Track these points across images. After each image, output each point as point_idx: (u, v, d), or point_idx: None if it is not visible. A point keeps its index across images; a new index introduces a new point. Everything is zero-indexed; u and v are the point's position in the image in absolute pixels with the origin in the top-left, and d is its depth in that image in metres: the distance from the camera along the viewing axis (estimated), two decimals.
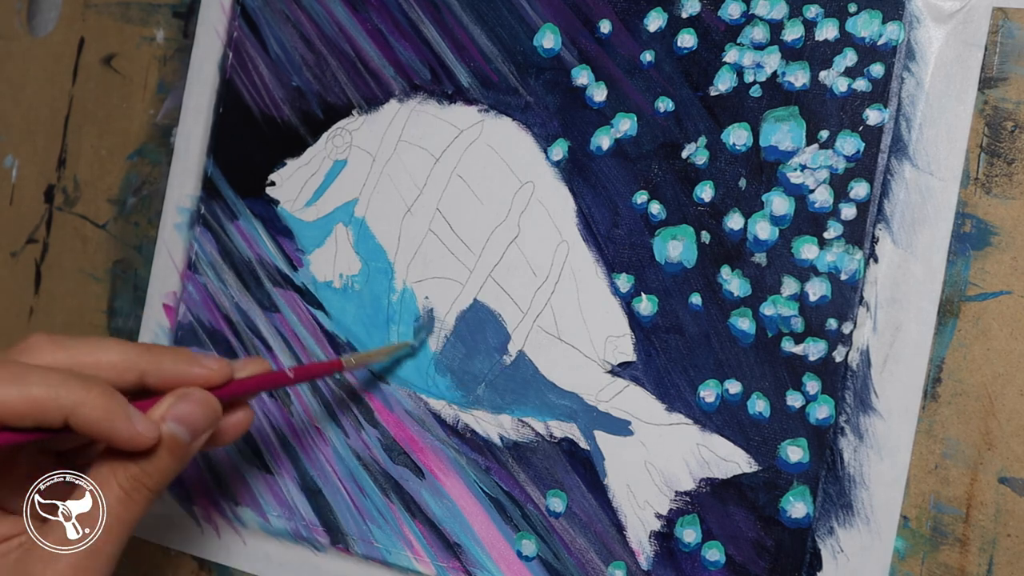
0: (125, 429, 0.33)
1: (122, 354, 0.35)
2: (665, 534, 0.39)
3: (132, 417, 0.33)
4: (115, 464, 0.34)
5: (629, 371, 0.40)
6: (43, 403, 0.32)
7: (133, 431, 0.33)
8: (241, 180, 0.48)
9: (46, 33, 0.56)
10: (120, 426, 0.33)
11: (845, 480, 0.37)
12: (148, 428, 0.33)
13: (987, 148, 0.36)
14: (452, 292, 0.43)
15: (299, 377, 0.39)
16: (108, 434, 0.33)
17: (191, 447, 0.35)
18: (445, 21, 0.44)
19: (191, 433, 0.35)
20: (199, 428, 0.35)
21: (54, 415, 0.32)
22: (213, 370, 0.36)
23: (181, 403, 0.35)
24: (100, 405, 0.32)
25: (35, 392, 0.32)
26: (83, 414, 0.32)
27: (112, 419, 0.32)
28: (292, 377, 0.39)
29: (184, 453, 0.35)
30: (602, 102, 0.41)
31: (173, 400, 0.35)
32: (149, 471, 0.34)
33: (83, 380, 0.33)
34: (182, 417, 0.34)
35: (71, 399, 0.32)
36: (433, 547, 0.43)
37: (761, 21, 0.39)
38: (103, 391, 0.33)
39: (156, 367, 0.35)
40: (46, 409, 0.32)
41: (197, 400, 0.35)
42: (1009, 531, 0.35)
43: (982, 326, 0.35)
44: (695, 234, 0.39)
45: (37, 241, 0.55)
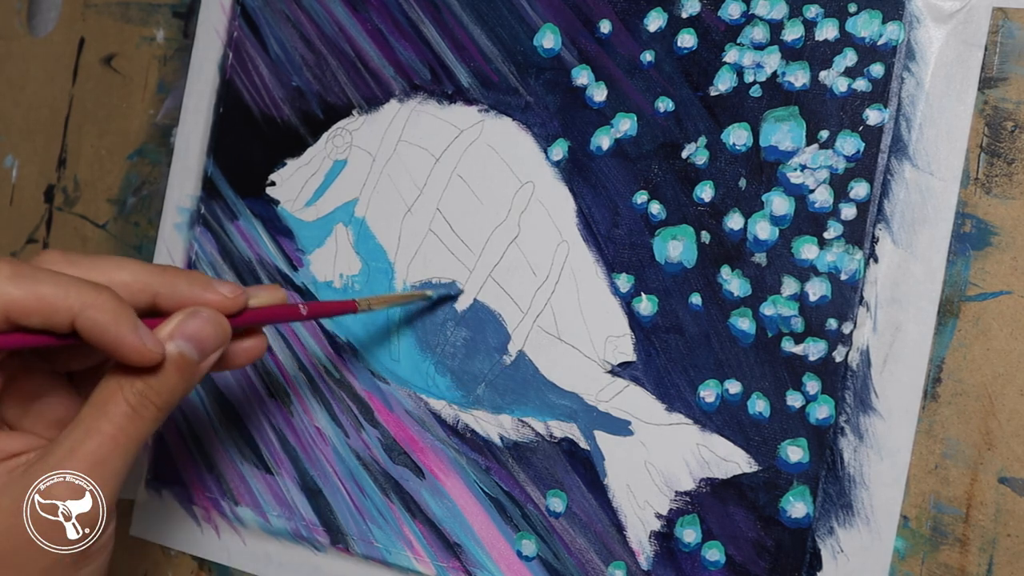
0: (131, 340, 0.32)
1: (135, 274, 0.35)
2: (665, 534, 0.39)
3: (139, 329, 0.33)
4: (122, 379, 0.34)
5: (629, 371, 0.40)
6: (51, 301, 0.32)
7: (138, 342, 0.33)
8: (241, 180, 0.48)
9: (46, 33, 0.56)
10: (126, 336, 0.32)
11: (845, 480, 0.37)
12: (154, 343, 0.33)
13: (987, 148, 0.36)
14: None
15: (311, 313, 0.39)
16: (113, 342, 0.32)
17: (200, 366, 0.35)
18: (445, 21, 0.44)
19: (199, 352, 0.34)
20: (208, 347, 0.35)
21: (62, 315, 0.32)
22: (227, 296, 0.35)
23: (190, 321, 0.34)
24: (108, 309, 0.32)
25: (43, 290, 0.32)
26: (90, 316, 0.32)
27: (119, 326, 0.32)
28: (305, 313, 0.38)
29: (192, 372, 0.35)
30: (602, 102, 0.41)
31: (182, 317, 0.34)
32: (156, 387, 0.34)
33: (93, 285, 0.32)
34: (191, 335, 0.34)
35: (79, 300, 0.32)
36: (433, 547, 0.43)
37: (761, 21, 0.39)
38: (112, 296, 0.32)
39: (170, 289, 0.35)
40: (55, 308, 0.32)
41: (206, 319, 0.35)
42: (1009, 531, 0.35)
43: (982, 326, 0.35)
44: (695, 234, 0.39)
45: (37, 241, 0.55)
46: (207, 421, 0.47)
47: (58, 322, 0.32)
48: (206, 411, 0.48)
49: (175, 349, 0.34)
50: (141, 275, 0.35)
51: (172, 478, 0.48)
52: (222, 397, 0.47)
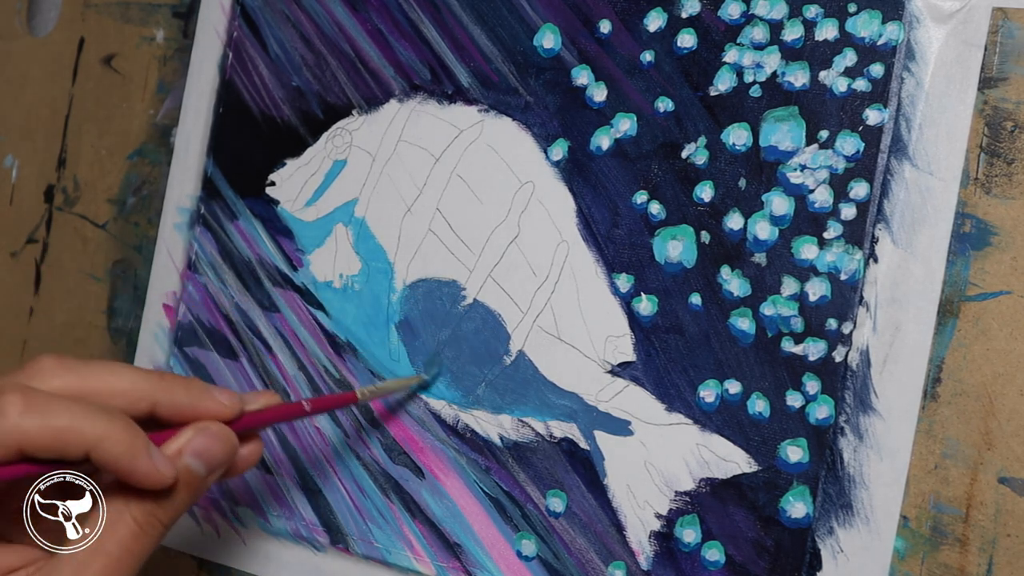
0: (145, 467, 0.32)
1: (134, 382, 0.34)
2: (665, 534, 0.39)
3: (152, 454, 0.33)
4: (129, 497, 0.33)
5: (629, 371, 0.40)
6: (66, 435, 0.31)
7: (153, 469, 0.32)
8: (241, 180, 0.48)
9: (46, 33, 0.56)
10: (141, 463, 0.32)
11: (845, 480, 0.37)
12: (167, 467, 0.33)
13: (987, 148, 0.36)
14: (452, 292, 0.43)
15: (315, 409, 0.39)
16: (128, 471, 0.32)
17: (206, 481, 0.35)
18: (445, 21, 0.44)
19: (208, 468, 0.34)
20: (216, 463, 0.35)
21: (76, 448, 0.31)
22: (225, 405, 0.35)
23: (199, 437, 0.34)
24: (123, 440, 0.32)
25: (58, 423, 0.31)
26: (105, 449, 0.31)
27: (134, 455, 0.32)
28: (308, 409, 0.38)
29: (199, 487, 0.34)
30: (602, 102, 0.41)
31: (191, 434, 0.34)
32: (164, 506, 0.34)
33: (106, 413, 0.32)
34: (200, 452, 0.34)
35: (95, 432, 0.31)
36: (433, 547, 0.43)
37: (761, 21, 0.39)
38: (126, 426, 0.32)
39: (168, 397, 0.34)
40: (68, 442, 0.31)
41: (215, 435, 0.34)
42: (1009, 531, 0.35)
43: (982, 326, 0.35)
44: (695, 234, 0.39)
45: (37, 241, 0.55)
46: None
47: (72, 453, 0.32)
48: None
49: (185, 466, 0.34)
50: (139, 383, 0.34)
51: None
52: None
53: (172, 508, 0.34)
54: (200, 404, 0.35)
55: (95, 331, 0.52)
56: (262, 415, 0.37)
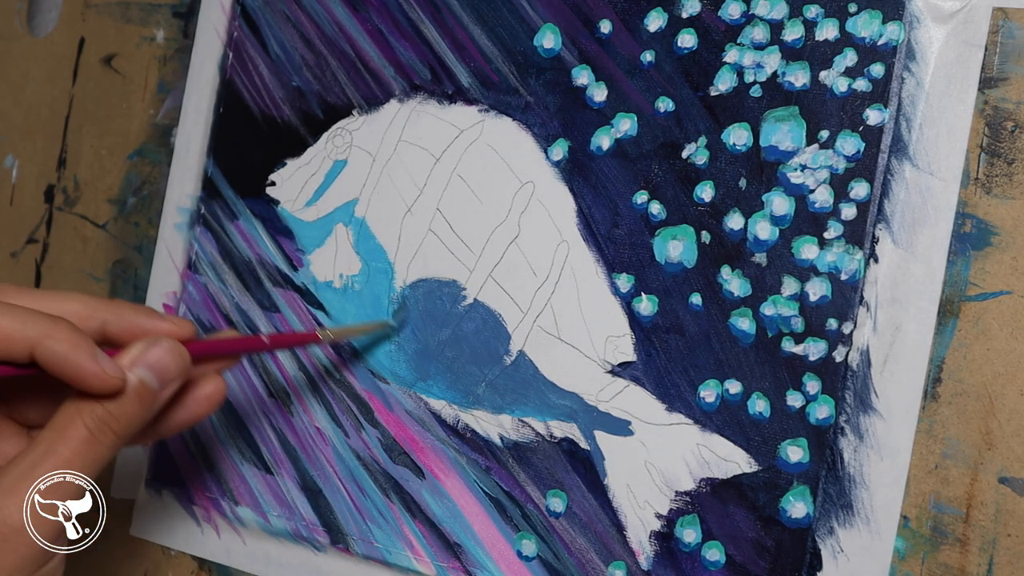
0: (91, 367, 0.33)
1: (85, 304, 0.35)
2: (665, 534, 0.39)
3: (99, 357, 0.33)
4: (82, 404, 0.34)
5: (629, 371, 0.40)
6: (9, 334, 0.32)
7: (99, 369, 0.33)
8: (241, 180, 0.48)
9: (46, 33, 0.56)
10: (86, 363, 0.33)
11: (845, 480, 0.37)
12: (114, 369, 0.33)
13: (987, 148, 0.36)
14: (452, 292, 0.43)
15: (275, 344, 0.38)
16: (73, 370, 0.33)
17: (160, 395, 0.35)
18: (445, 21, 0.44)
19: (160, 380, 0.34)
20: (169, 375, 0.35)
21: (20, 347, 0.32)
22: (176, 324, 0.36)
23: (152, 349, 0.34)
24: (66, 339, 0.32)
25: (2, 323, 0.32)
26: (49, 347, 0.32)
27: (78, 354, 0.32)
28: (268, 343, 0.38)
29: (152, 400, 0.34)
30: (602, 102, 0.41)
31: (143, 346, 0.34)
32: (116, 414, 0.34)
33: (49, 317, 0.33)
34: (152, 363, 0.34)
35: (37, 330, 0.32)
36: (433, 547, 0.43)
37: (761, 21, 0.39)
38: (69, 327, 0.33)
39: (118, 318, 0.35)
40: (13, 340, 0.32)
41: (167, 348, 0.35)
42: (1009, 531, 0.35)
43: (982, 326, 0.35)
44: (695, 234, 0.39)
45: (37, 241, 0.55)
46: (207, 421, 0.47)
47: (17, 353, 0.32)
48: None
49: (136, 377, 0.34)
50: (90, 305, 0.35)
51: (172, 478, 0.48)
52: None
53: (124, 417, 0.34)
54: (152, 324, 0.35)
55: None
56: (219, 343, 0.37)
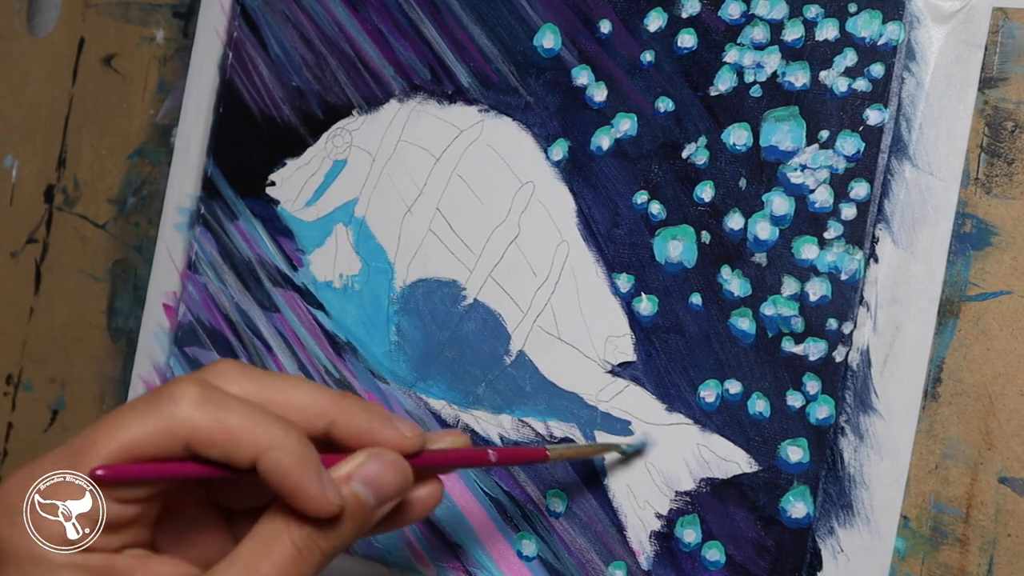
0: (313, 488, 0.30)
1: (314, 398, 0.32)
2: (665, 534, 0.39)
3: (323, 477, 0.30)
4: (291, 519, 0.30)
5: (629, 371, 0.40)
6: (238, 435, 0.29)
7: (320, 492, 0.30)
8: (241, 180, 0.48)
9: (46, 33, 0.56)
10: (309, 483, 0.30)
11: (845, 480, 0.37)
12: (335, 494, 0.30)
13: (987, 148, 0.36)
14: (452, 292, 0.43)
15: (501, 460, 0.36)
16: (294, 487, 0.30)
17: (375, 512, 0.32)
18: (445, 21, 0.44)
19: (377, 497, 0.31)
20: (387, 494, 0.32)
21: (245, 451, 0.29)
22: (406, 436, 0.32)
23: (372, 462, 0.31)
24: (295, 452, 0.29)
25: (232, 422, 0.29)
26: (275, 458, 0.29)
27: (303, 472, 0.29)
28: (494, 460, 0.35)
29: (367, 518, 0.31)
30: (602, 102, 0.41)
31: (364, 458, 0.31)
32: (327, 534, 0.31)
33: (283, 422, 0.30)
34: (371, 479, 0.31)
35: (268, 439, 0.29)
36: (433, 547, 0.43)
37: (761, 21, 0.39)
38: (300, 439, 0.30)
39: (347, 419, 0.32)
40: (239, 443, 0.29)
41: (388, 463, 0.32)
42: (1009, 531, 0.35)
43: (982, 326, 0.35)
44: (695, 234, 0.39)
45: (37, 241, 0.55)
46: None
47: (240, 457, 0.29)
48: None
49: (353, 492, 0.31)
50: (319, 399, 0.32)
51: None
52: None
53: (335, 537, 0.31)
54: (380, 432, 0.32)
55: (95, 331, 0.52)
56: (443, 456, 0.34)
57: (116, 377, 0.51)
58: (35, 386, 0.54)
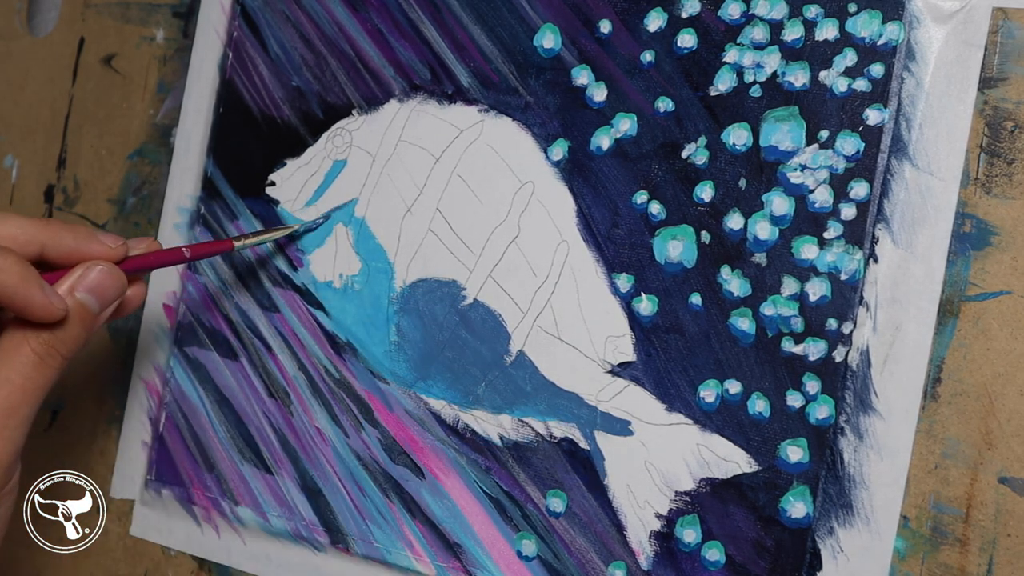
0: (39, 298, 0.34)
1: (22, 227, 0.36)
2: (665, 534, 0.39)
3: (44, 288, 0.35)
4: (27, 330, 0.35)
5: (629, 371, 0.40)
6: None
7: (46, 301, 0.35)
8: (241, 180, 0.48)
9: (46, 33, 0.56)
10: (34, 295, 0.34)
11: (845, 480, 0.37)
12: (59, 301, 0.35)
13: (987, 148, 0.36)
14: (452, 292, 0.43)
15: (194, 255, 0.41)
16: (23, 302, 0.34)
17: (100, 316, 0.37)
18: (445, 21, 0.44)
19: (100, 302, 0.37)
20: (107, 298, 0.37)
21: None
22: (111, 247, 0.38)
23: (91, 274, 0.37)
24: (15, 272, 0.34)
25: None
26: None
27: (26, 287, 0.34)
28: (188, 255, 0.41)
29: (93, 321, 0.37)
30: (602, 102, 0.41)
31: (82, 271, 0.37)
32: (62, 338, 0.36)
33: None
34: (92, 287, 0.37)
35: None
36: (433, 547, 0.43)
37: (761, 21, 0.39)
38: (17, 260, 0.34)
39: (56, 241, 0.37)
40: None
41: (105, 272, 0.37)
42: (1009, 531, 0.35)
43: (982, 326, 0.35)
44: (695, 234, 0.39)
45: None
46: (207, 421, 0.47)
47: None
48: (206, 411, 0.48)
49: (78, 301, 0.36)
50: (27, 228, 0.37)
51: (172, 478, 0.48)
52: (222, 397, 0.47)
53: (70, 340, 0.36)
54: (86, 247, 0.37)
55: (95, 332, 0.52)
56: (145, 259, 0.39)
57: (116, 377, 0.51)
58: None
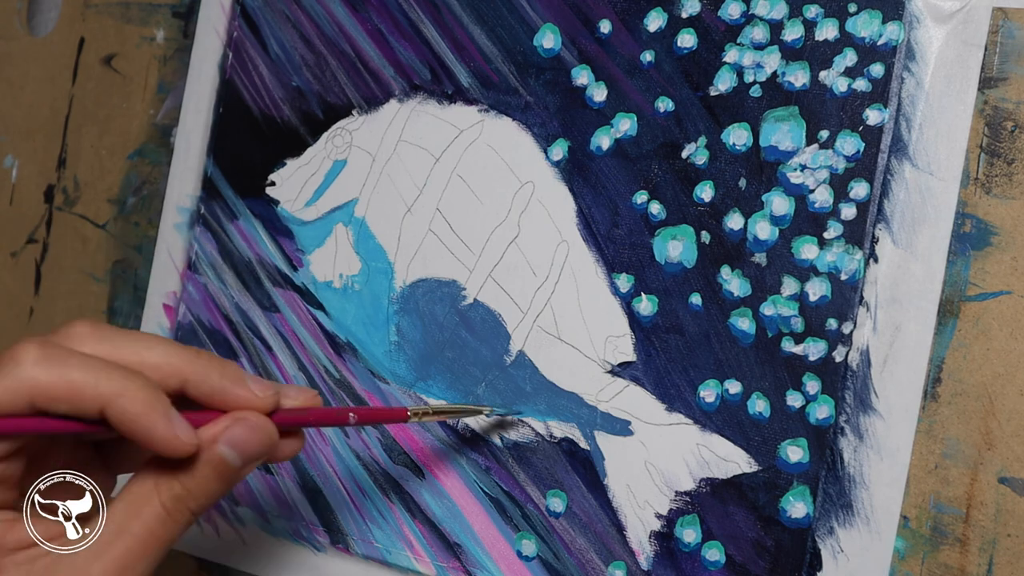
0: (163, 429, 0.31)
1: (167, 356, 0.33)
2: (665, 534, 0.39)
3: (172, 419, 0.31)
4: (159, 479, 0.32)
5: (629, 371, 0.40)
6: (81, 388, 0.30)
7: (171, 433, 0.31)
8: (241, 180, 0.48)
9: (46, 33, 0.56)
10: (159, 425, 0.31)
11: (845, 480, 0.37)
12: (187, 434, 0.31)
13: (987, 148, 0.36)
14: (452, 292, 0.43)
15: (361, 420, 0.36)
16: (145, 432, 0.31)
17: (240, 472, 0.33)
18: (445, 21, 0.44)
19: (243, 458, 0.33)
20: (252, 455, 0.33)
21: (91, 403, 0.30)
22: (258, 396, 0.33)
23: (238, 428, 0.33)
24: (141, 399, 0.30)
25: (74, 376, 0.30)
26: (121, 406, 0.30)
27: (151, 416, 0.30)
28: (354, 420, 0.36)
29: (232, 477, 0.33)
30: (602, 102, 0.41)
31: (230, 423, 0.33)
32: (194, 491, 0.32)
33: (125, 371, 0.31)
34: (237, 442, 0.32)
35: (111, 388, 0.30)
36: (433, 547, 0.43)
37: (761, 21, 0.39)
38: (145, 385, 0.31)
39: (201, 378, 0.33)
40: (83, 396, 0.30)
41: (253, 426, 0.33)
42: (1009, 531, 0.35)
43: (982, 326, 0.36)
44: (695, 234, 0.39)
45: (37, 241, 0.55)
46: None
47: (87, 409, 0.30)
48: None
49: (219, 454, 0.32)
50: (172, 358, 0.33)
51: None
52: None
53: (202, 495, 0.32)
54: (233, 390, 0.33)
55: None
56: (302, 417, 0.35)
57: None
58: None
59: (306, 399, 0.35)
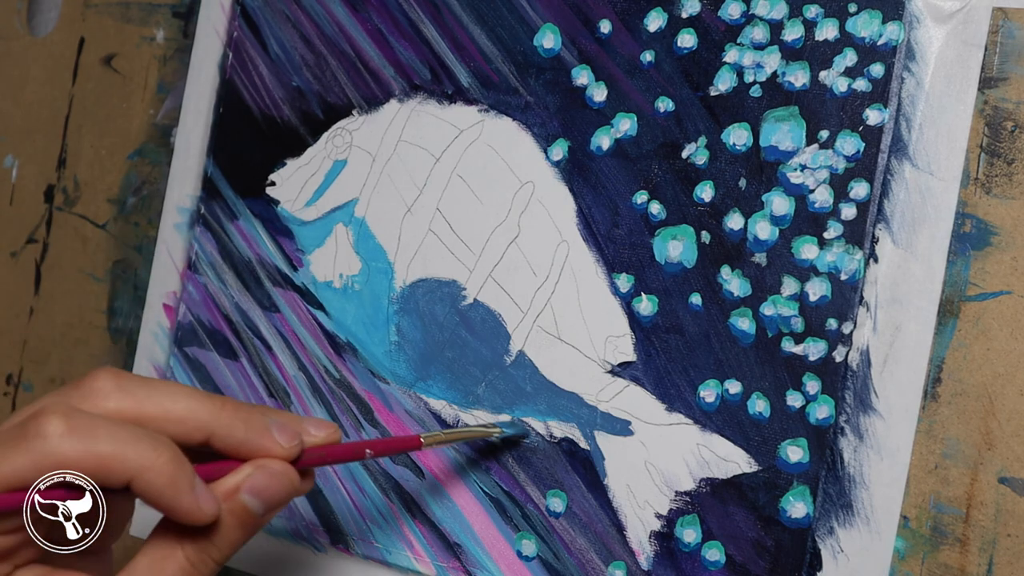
0: (188, 503, 0.31)
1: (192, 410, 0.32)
2: (665, 534, 0.39)
3: (196, 490, 0.31)
4: (183, 536, 0.32)
5: (629, 371, 0.40)
6: (109, 463, 0.30)
7: (195, 506, 0.31)
8: (241, 180, 0.48)
9: (46, 33, 0.56)
10: (184, 500, 0.31)
11: (845, 480, 0.37)
12: (210, 504, 0.31)
13: (987, 148, 0.36)
14: (452, 292, 0.43)
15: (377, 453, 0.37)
16: (169, 505, 0.31)
17: (263, 520, 0.33)
18: (445, 21, 0.44)
19: (265, 506, 0.33)
20: (274, 502, 0.33)
21: (117, 476, 0.30)
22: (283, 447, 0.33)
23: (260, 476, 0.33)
24: (167, 473, 0.30)
25: (101, 449, 0.30)
26: (147, 480, 0.30)
27: (176, 490, 0.31)
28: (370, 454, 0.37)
29: (255, 525, 0.33)
30: (602, 102, 0.41)
31: (251, 471, 0.33)
32: (217, 542, 0.32)
33: (153, 442, 0.31)
34: (259, 490, 0.33)
35: (138, 462, 0.30)
36: (433, 547, 0.43)
37: (761, 21, 0.39)
38: (172, 458, 0.31)
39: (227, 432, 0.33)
40: (111, 469, 0.30)
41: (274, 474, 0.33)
42: (1009, 531, 0.35)
43: (982, 326, 0.36)
44: (695, 234, 0.39)
45: (37, 241, 0.55)
46: None
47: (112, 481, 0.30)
48: None
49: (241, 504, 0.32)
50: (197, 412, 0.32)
51: None
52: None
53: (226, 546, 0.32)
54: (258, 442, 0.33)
55: (95, 331, 0.52)
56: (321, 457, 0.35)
57: None
58: (35, 386, 0.54)
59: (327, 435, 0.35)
